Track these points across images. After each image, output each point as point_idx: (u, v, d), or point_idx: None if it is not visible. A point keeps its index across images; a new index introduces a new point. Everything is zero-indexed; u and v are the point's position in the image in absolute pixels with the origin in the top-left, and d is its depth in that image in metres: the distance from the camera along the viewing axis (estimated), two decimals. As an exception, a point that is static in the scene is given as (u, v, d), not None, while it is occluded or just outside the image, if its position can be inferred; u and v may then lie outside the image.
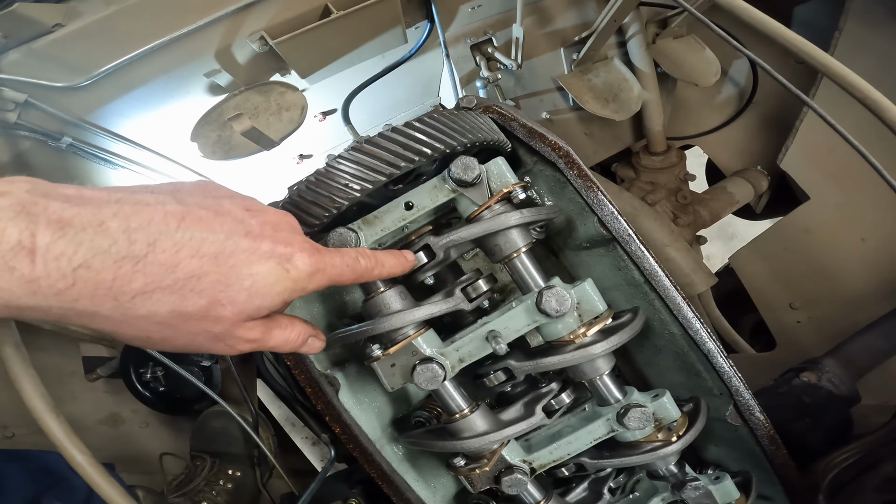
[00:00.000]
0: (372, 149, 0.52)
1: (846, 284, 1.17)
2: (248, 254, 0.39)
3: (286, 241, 0.41)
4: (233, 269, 0.38)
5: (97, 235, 0.33)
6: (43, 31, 0.71)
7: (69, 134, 0.81)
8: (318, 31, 0.84)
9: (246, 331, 0.41)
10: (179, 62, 0.82)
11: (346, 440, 0.63)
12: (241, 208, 0.41)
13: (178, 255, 0.36)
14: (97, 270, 0.33)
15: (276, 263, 0.40)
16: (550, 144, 0.61)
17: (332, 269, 0.44)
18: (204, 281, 0.37)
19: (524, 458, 0.61)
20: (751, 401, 0.64)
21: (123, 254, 0.34)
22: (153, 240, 0.35)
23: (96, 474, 0.51)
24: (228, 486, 1.15)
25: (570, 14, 1.21)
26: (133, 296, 0.35)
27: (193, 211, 0.38)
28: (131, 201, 0.36)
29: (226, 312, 0.39)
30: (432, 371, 0.53)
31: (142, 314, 0.36)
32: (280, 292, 0.40)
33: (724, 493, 0.66)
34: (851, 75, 0.61)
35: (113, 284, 0.34)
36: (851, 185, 1.16)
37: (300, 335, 0.46)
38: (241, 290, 0.39)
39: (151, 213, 0.36)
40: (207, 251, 0.37)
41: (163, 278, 0.35)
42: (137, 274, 0.34)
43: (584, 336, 0.56)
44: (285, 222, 0.43)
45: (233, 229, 0.39)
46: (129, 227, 0.34)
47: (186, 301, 0.37)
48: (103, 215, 0.34)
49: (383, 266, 0.50)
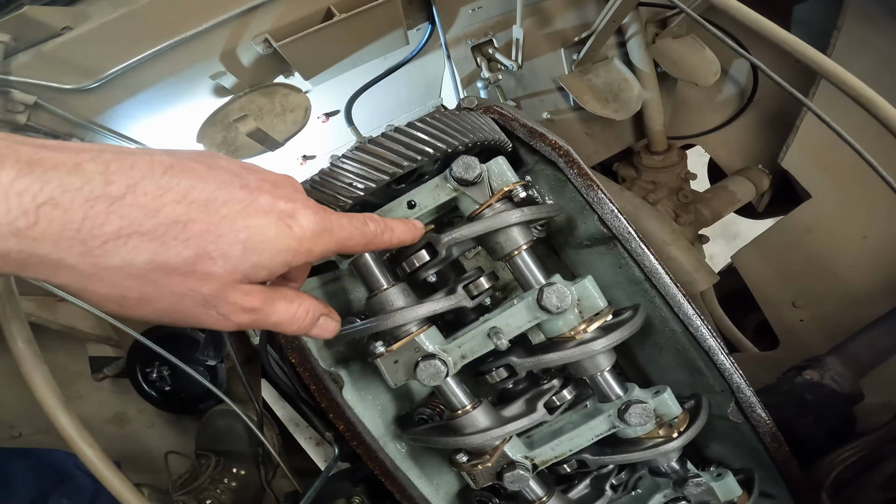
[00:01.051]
0: (375, 148, 0.53)
1: (849, 282, 1.16)
2: (245, 205, 0.34)
3: (287, 197, 0.36)
4: (225, 219, 0.33)
5: (69, 175, 0.29)
6: (52, 34, 0.72)
7: (78, 136, 0.82)
8: (321, 33, 0.85)
9: (242, 295, 0.35)
10: (186, 64, 0.83)
11: (349, 437, 0.64)
12: (237, 165, 0.37)
13: (161, 199, 0.31)
14: (64, 208, 0.29)
15: (277, 218, 0.35)
16: (550, 144, 0.62)
17: (341, 230, 0.39)
18: (190, 229, 0.32)
19: (526, 455, 0.61)
20: (752, 398, 0.65)
21: (98, 193, 0.30)
22: (133, 182, 0.31)
23: (106, 469, 0.52)
24: (233, 485, 1.16)
25: (569, 15, 1.22)
26: (105, 240, 0.30)
27: (183, 162, 0.33)
28: (115, 150, 0.32)
29: (216, 268, 0.33)
30: (435, 367, 0.54)
31: (115, 264, 0.31)
32: (281, 250, 0.35)
33: (726, 489, 0.66)
34: (845, 74, 0.61)
35: (82, 226, 0.29)
36: (853, 182, 1.16)
37: (309, 312, 0.40)
38: (235, 243, 0.33)
39: (135, 158, 0.32)
40: (196, 197, 0.32)
41: (141, 222, 0.31)
42: (112, 215, 0.30)
43: (584, 332, 0.57)
44: (287, 181, 0.39)
45: (227, 180, 0.34)
46: (107, 170, 0.30)
47: (168, 250, 0.32)
48: (80, 158, 0.30)
49: (393, 231, 0.46)
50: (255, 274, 0.35)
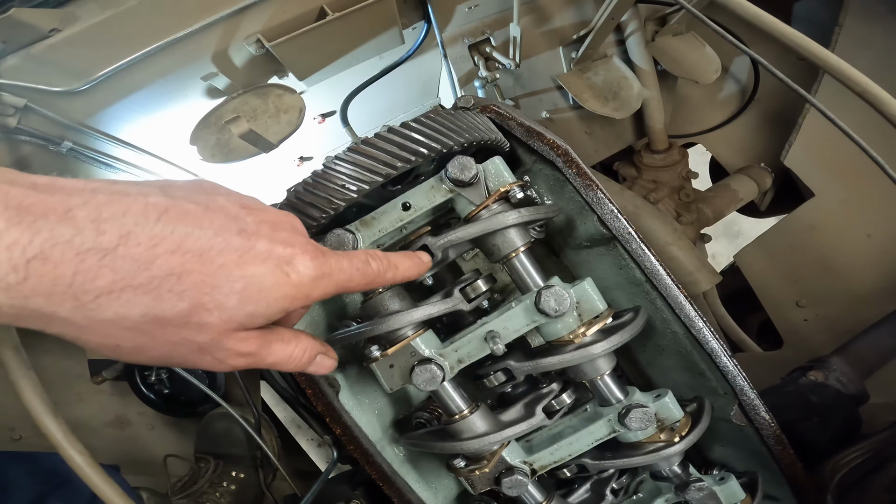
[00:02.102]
0: (368, 149, 0.52)
1: (853, 281, 1.15)
2: (241, 253, 0.34)
3: (286, 242, 0.36)
4: (221, 269, 0.33)
5: (60, 224, 0.29)
6: (40, 36, 0.71)
7: (69, 138, 0.81)
8: (314, 33, 0.84)
9: (237, 342, 0.35)
10: (177, 66, 0.82)
11: (346, 442, 0.63)
12: (236, 205, 0.36)
13: (154, 250, 0.31)
14: (55, 263, 0.28)
15: (275, 265, 0.35)
16: (549, 143, 0.61)
17: (340, 273, 0.39)
18: (185, 280, 0.32)
19: (525, 460, 0.60)
20: (756, 400, 0.64)
21: (89, 245, 0.29)
22: (126, 231, 0.30)
23: (95, 475, 0.51)
24: (232, 488, 1.15)
25: (567, 12, 1.21)
26: (97, 294, 0.30)
27: (180, 204, 0.33)
28: (109, 191, 0.31)
29: (211, 318, 0.33)
30: (431, 372, 0.53)
31: (108, 317, 0.31)
32: (278, 298, 0.35)
33: (728, 493, 0.65)
34: (850, 69, 0.60)
35: (73, 280, 0.29)
36: (856, 181, 1.14)
37: (306, 352, 0.41)
38: (231, 294, 0.33)
39: (129, 203, 0.31)
40: (191, 247, 0.32)
41: (134, 275, 0.30)
42: (104, 269, 0.30)
43: (583, 336, 0.56)
44: (286, 222, 0.38)
45: (224, 225, 0.34)
46: (99, 217, 0.30)
47: (163, 303, 0.31)
48: (72, 203, 0.29)
49: (396, 269, 0.45)
50: (252, 322, 0.35)
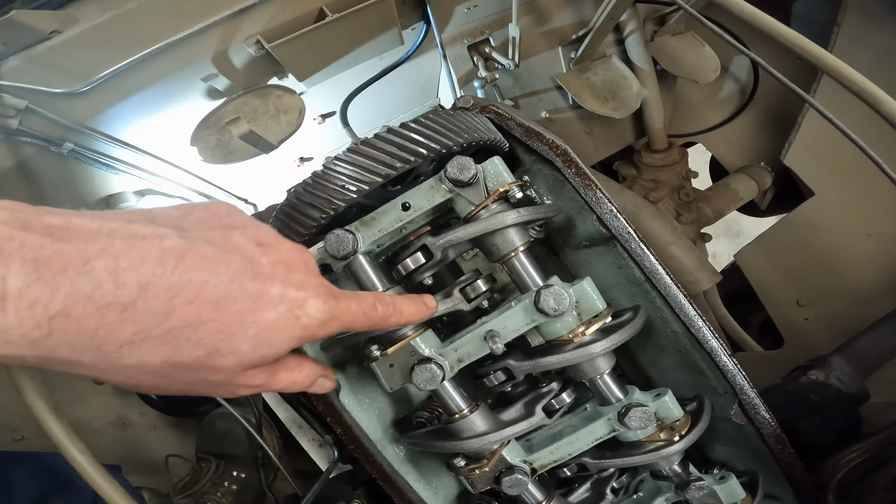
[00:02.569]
0: (368, 150, 0.52)
1: (854, 280, 1.15)
2: (255, 299, 0.35)
3: (299, 284, 0.37)
4: (236, 317, 0.34)
5: (79, 277, 0.29)
6: (41, 38, 0.72)
7: (70, 140, 0.82)
8: (313, 34, 0.84)
9: (248, 378, 0.38)
10: (177, 67, 0.82)
11: (347, 441, 0.63)
12: (252, 243, 0.37)
13: (172, 302, 0.32)
14: (77, 319, 0.29)
15: (287, 310, 0.36)
16: (548, 143, 0.61)
17: (347, 316, 0.41)
18: (202, 330, 0.33)
19: (525, 459, 0.60)
20: (756, 399, 0.64)
21: (109, 300, 0.30)
22: (145, 282, 0.31)
23: (97, 475, 0.51)
24: (233, 488, 1.15)
25: (566, 12, 1.21)
26: (120, 345, 0.31)
27: (196, 247, 0.33)
28: (125, 234, 0.32)
29: (226, 363, 0.35)
30: (431, 371, 0.53)
31: (130, 363, 0.32)
32: (287, 340, 0.37)
33: (729, 492, 0.65)
34: (847, 69, 0.60)
35: (96, 334, 0.30)
36: (856, 180, 1.14)
37: (308, 377, 0.43)
38: (245, 340, 0.35)
39: (146, 250, 0.31)
40: (208, 296, 0.33)
41: (154, 327, 0.32)
42: (125, 322, 0.31)
43: (583, 335, 0.56)
44: (300, 261, 0.39)
45: (239, 270, 0.35)
46: (117, 268, 0.30)
47: (181, 352, 0.33)
48: (89, 252, 0.30)
49: (401, 314, 0.47)
50: (262, 362, 0.37)
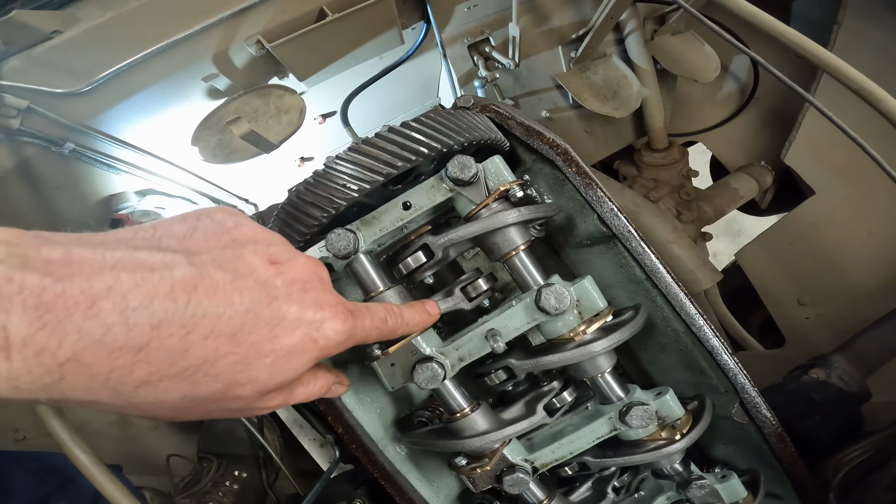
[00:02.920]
0: (369, 149, 0.52)
1: (854, 279, 1.15)
2: (272, 326, 0.34)
3: (317, 304, 0.36)
4: (253, 347, 0.33)
5: (87, 322, 0.27)
6: (42, 38, 0.72)
7: (72, 140, 0.82)
8: (314, 33, 0.84)
9: (266, 401, 0.38)
10: (177, 67, 0.82)
11: (348, 440, 0.63)
12: (265, 262, 0.35)
13: (188, 339, 0.31)
14: (89, 364, 0.28)
15: (304, 333, 0.36)
16: (548, 142, 0.61)
17: (361, 331, 0.41)
18: (219, 364, 0.32)
19: (526, 458, 0.60)
20: (757, 398, 0.64)
21: (120, 343, 0.28)
22: (157, 321, 0.29)
23: (99, 474, 0.51)
24: (235, 488, 1.16)
25: (566, 12, 1.21)
26: (136, 386, 0.30)
27: (207, 275, 0.32)
28: (131, 265, 0.30)
29: (244, 392, 0.35)
30: (432, 370, 0.53)
31: (148, 401, 0.32)
32: (305, 363, 0.37)
33: (730, 491, 0.65)
34: (847, 67, 0.60)
35: (109, 377, 0.29)
36: (857, 178, 1.14)
37: (324, 386, 0.43)
38: (263, 368, 0.34)
39: (155, 285, 0.30)
40: (224, 330, 0.32)
41: (170, 366, 0.31)
42: (139, 364, 0.30)
43: (584, 334, 0.56)
44: (315, 277, 0.38)
45: (255, 298, 0.33)
46: (126, 308, 0.28)
47: (199, 387, 0.33)
48: (95, 292, 0.28)
49: (407, 325, 0.49)
50: (281, 386, 0.37)
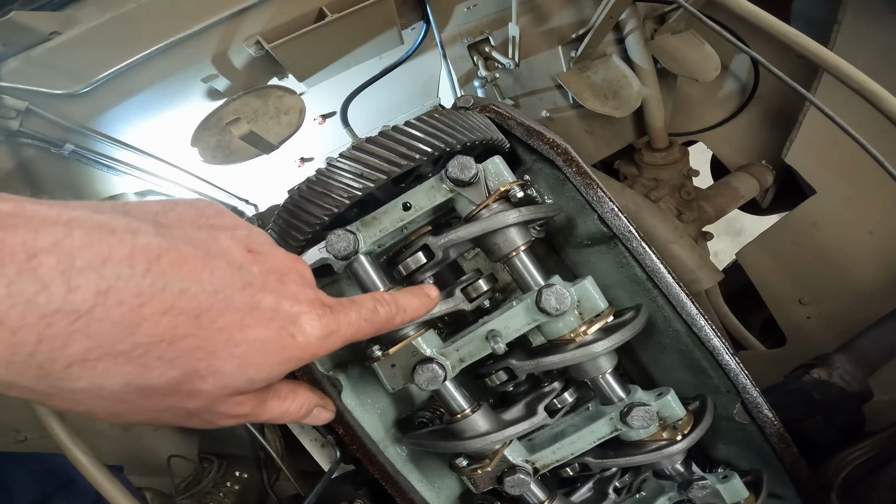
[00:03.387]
0: (373, 147, 0.52)
1: (856, 278, 1.15)
2: (244, 314, 0.29)
3: (293, 297, 0.32)
4: (220, 333, 0.28)
5: (20, 276, 0.23)
6: (40, 39, 0.72)
7: (71, 141, 0.82)
8: (313, 34, 0.84)
9: (231, 406, 0.32)
10: (177, 68, 0.82)
11: (349, 441, 0.63)
12: (241, 247, 0.31)
13: (140, 311, 0.25)
14: (12, 329, 0.23)
15: (279, 327, 0.31)
16: (548, 142, 0.61)
17: (348, 328, 0.36)
18: (177, 346, 0.27)
19: (527, 458, 0.60)
20: (759, 398, 0.63)
21: (56, 306, 0.23)
22: (106, 286, 0.24)
23: (100, 475, 0.51)
24: (236, 488, 1.16)
25: (566, 12, 1.21)
26: (67, 364, 0.25)
27: (176, 248, 0.27)
28: (88, 225, 0.25)
29: (205, 386, 0.29)
30: (432, 371, 0.53)
31: (80, 387, 0.26)
32: (282, 362, 0.31)
33: (732, 492, 0.65)
34: (848, 67, 0.60)
35: (37, 349, 0.24)
36: (858, 177, 1.14)
37: (303, 407, 0.38)
38: (230, 359, 0.29)
39: (111, 246, 0.25)
40: (186, 307, 0.27)
41: (115, 342, 0.25)
42: (76, 335, 0.24)
43: (584, 334, 0.56)
44: (295, 271, 0.34)
45: (226, 280, 0.29)
46: (71, 266, 0.24)
47: (149, 372, 0.27)
48: (38, 245, 0.23)
49: (405, 311, 0.43)
50: (250, 387, 0.32)
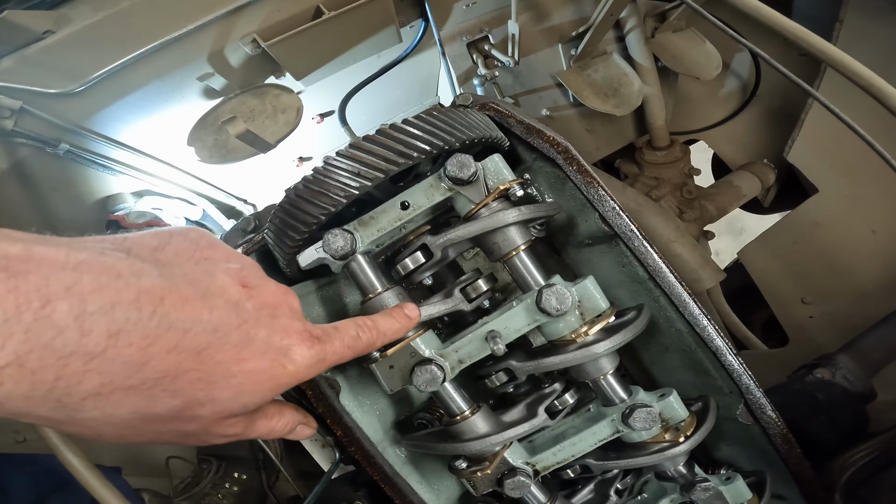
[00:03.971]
0: (370, 146, 0.52)
1: (858, 277, 1.14)
2: (240, 348, 0.33)
3: (284, 331, 0.36)
4: (219, 366, 0.32)
5: (37, 322, 0.25)
6: (34, 38, 0.71)
7: (66, 140, 0.81)
8: (310, 32, 0.84)
9: (224, 428, 0.35)
10: (172, 66, 0.82)
11: (347, 443, 0.62)
12: (236, 283, 0.34)
13: (149, 351, 0.28)
14: (32, 370, 0.25)
15: (272, 359, 0.34)
16: (549, 140, 0.60)
17: (333, 355, 0.40)
18: (181, 380, 0.30)
19: (527, 460, 0.59)
20: (762, 399, 0.63)
21: (71, 349, 0.26)
22: (116, 329, 0.27)
23: (91, 477, 0.51)
24: (234, 490, 1.15)
25: (566, 9, 1.20)
26: (82, 398, 0.27)
27: (177, 289, 0.30)
28: (96, 268, 0.27)
29: (203, 412, 0.33)
30: (431, 373, 0.52)
31: (93, 416, 0.29)
32: (273, 388, 0.35)
33: (735, 493, 0.64)
34: (854, 63, 0.60)
35: (55, 385, 0.26)
36: (860, 176, 1.13)
37: (287, 424, 0.42)
38: (226, 388, 0.33)
39: (119, 291, 0.27)
40: (189, 346, 0.30)
41: (125, 378, 0.28)
42: (90, 373, 0.27)
43: (585, 335, 0.55)
44: (285, 305, 0.37)
45: (224, 318, 0.32)
46: (83, 312, 0.26)
47: (155, 403, 0.30)
48: (51, 291, 0.25)
49: (385, 335, 0.47)
50: (243, 410, 0.35)
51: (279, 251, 0.56)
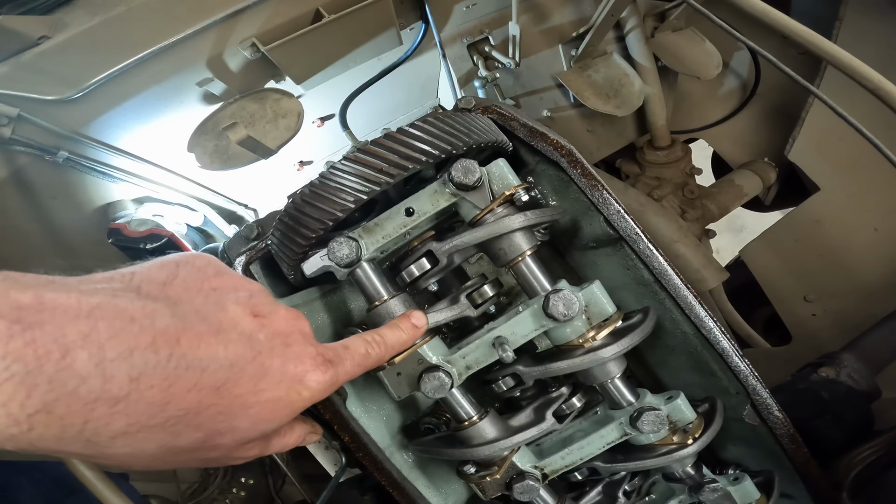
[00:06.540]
0: (376, 149, 0.51)
1: (861, 275, 1.14)
2: (256, 380, 0.34)
3: (298, 358, 0.37)
4: (237, 399, 0.33)
5: (59, 373, 0.26)
6: (29, 44, 0.70)
7: (65, 148, 0.80)
8: (309, 35, 0.83)
9: (244, 451, 0.38)
10: (171, 72, 0.81)
11: (355, 448, 0.62)
12: (248, 314, 0.36)
13: (170, 391, 0.29)
14: (61, 415, 0.26)
15: (288, 387, 0.36)
16: (552, 143, 0.60)
17: (345, 376, 0.41)
18: (202, 415, 0.32)
19: (536, 464, 0.59)
20: (768, 399, 0.63)
21: (96, 395, 0.27)
22: (137, 374, 0.28)
23: (100, 484, 0.50)
24: (242, 494, 1.15)
25: (566, 10, 1.20)
26: (111, 437, 0.29)
27: (191, 327, 0.31)
28: (110, 314, 0.28)
29: (224, 441, 0.34)
30: (439, 379, 0.52)
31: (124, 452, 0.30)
32: (289, 414, 0.37)
33: (743, 493, 0.64)
34: (855, 61, 0.59)
35: (84, 428, 0.27)
36: (862, 174, 1.13)
37: (299, 437, 0.45)
38: (245, 419, 0.34)
39: (136, 335, 0.28)
40: (208, 383, 0.31)
41: (150, 417, 0.29)
42: (117, 415, 0.28)
43: (593, 339, 0.55)
44: (297, 330, 0.39)
45: (238, 352, 0.33)
46: (103, 360, 0.27)
47: (179, 437, 0.32)
48: (69, 340, 0.26)
49: (394, 349, 0.49)
50: (261, 436, 0.37)
51: (284, 258, 0.56)
